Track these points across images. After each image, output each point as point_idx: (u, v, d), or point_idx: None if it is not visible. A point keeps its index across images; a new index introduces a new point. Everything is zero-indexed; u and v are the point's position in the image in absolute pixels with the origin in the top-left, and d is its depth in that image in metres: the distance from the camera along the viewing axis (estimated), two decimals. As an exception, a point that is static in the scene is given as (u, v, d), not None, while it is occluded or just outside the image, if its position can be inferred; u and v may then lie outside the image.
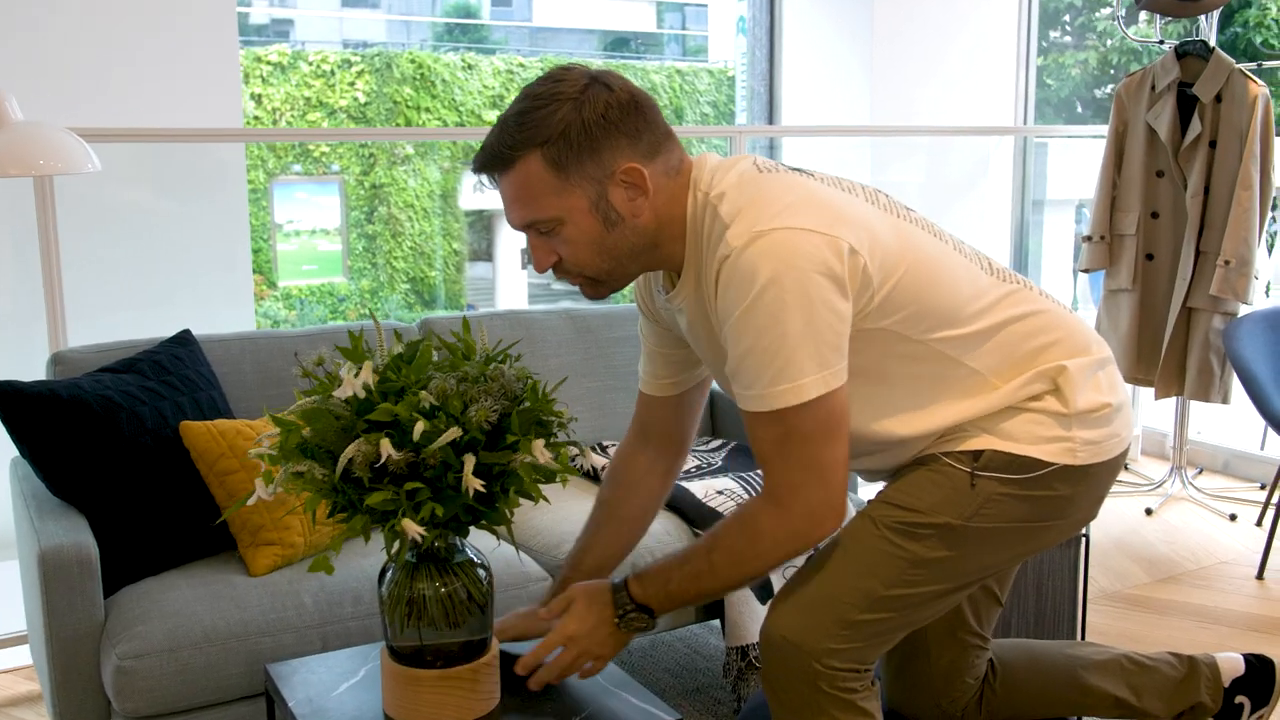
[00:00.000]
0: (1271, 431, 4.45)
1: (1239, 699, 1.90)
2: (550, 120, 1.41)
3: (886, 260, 1.46)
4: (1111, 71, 8.35)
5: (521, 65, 11.12)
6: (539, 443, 1.53)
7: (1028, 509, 1.56)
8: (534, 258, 1.52)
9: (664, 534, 2.33)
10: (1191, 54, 3.59)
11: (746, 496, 2.47)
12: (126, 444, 2.11)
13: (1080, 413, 1.55)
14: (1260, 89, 3.46)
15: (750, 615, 2.37)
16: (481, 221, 11.48)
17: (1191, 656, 1.91)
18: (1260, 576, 3.26)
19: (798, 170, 1.54)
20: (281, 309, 10.52)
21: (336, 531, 2.26)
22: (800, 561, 2.45)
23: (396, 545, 1.57)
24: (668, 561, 1.56)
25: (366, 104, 10.72)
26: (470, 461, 1.49)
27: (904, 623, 1.57)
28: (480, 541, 2.28)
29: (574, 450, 1.60)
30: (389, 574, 1.62)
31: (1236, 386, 3.63)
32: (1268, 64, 3.77)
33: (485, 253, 11.60)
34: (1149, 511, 3.80)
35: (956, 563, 1.56)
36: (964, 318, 1.53)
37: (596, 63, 11.29)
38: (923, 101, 4.32)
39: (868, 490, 3.00)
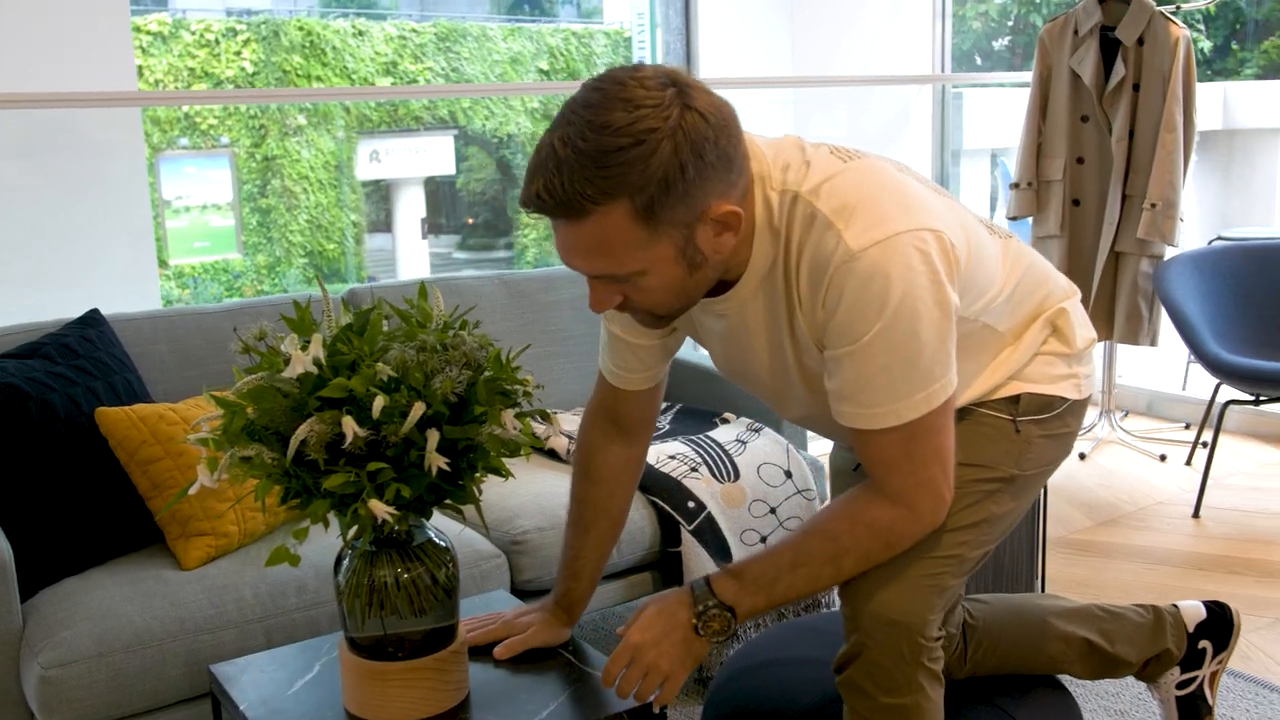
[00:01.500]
0: (1193, 372, 4.53)
1: (1201, 644, 1.91)
2: (645, 165, 1.20)
3: (959, 244, 1.39)
4: (1010, 24, 8.43)
5: (415, 31, 10.87)
6: (508, 413, 1.43)
7: (1054, 449, 1.59)
8: (594, 297, 1.35)
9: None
10: (1112, -3, 3.58)
11: (699, 459, 2.41)
12: (37, 435, 1.95)
13: (1079, 351, 1.59)
14: (1181, 31, 3.47)
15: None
16: (379, 192, 11.24)
17: (1156, 606, 1.93)
18: (1196, 515, 3.30)
19: (858, 153, 1.43)
20: (174, 288, 10.17)
21: (273, 519, 2.14)
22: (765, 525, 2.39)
23: (354, 530, 1.46)
24: (767, 561, 1.44)
25: (254, 74, 10.36)
26: (434, 437, 1.39)
27: (969, 574, 1.57)
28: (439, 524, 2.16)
29: (539, 422, 1.49)
30: (345, 562, 1.52)
31: (1164, 328, 3.67)
32: (1186, 5, 3.78)
33: (384, 224, 11.37)
34: (1082, 456, 3.83)
35: (1015, 513, 1.57)
36: (995, 286, 1.50)
37: (490, 25, 11.09)
38: (844, 52, 4.26)
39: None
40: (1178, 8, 3.71)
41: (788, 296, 1.39)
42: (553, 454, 2.55)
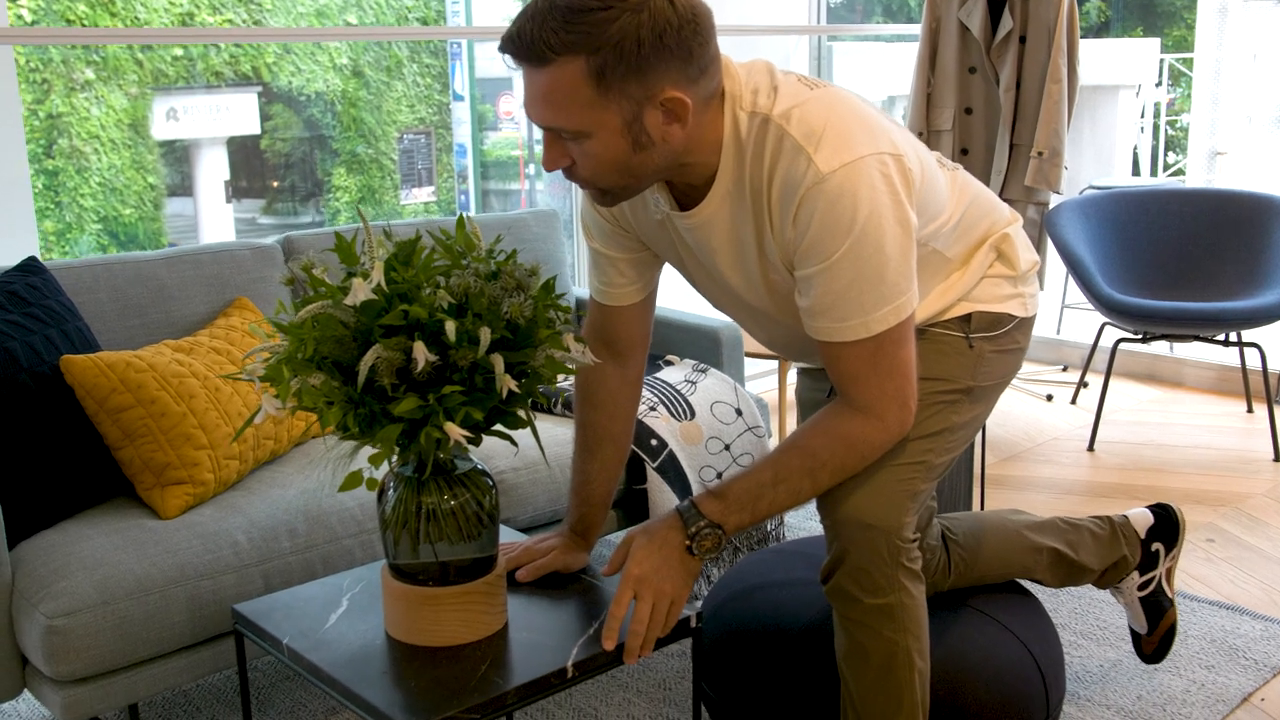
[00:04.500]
0: (1066, 317, 4.92)
1: (1154, 546, 2.15)
2: (605, 28, 1.35)
3: (914, 169, 1.55)
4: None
5: (222, -24, 10.58)
6: (569, 336, 1.54)
7: (1006, 362, 1.77)
8: (546, 155, 1.48)
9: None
10: (999, -49, 3.86)
11: (655, 399, 2.55)
12: (1, 385, 1.95)
13: (1023, 272, 1.77)
14: (1065, -16, 3.77)
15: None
16: (176, 152, 10.90)
17: (1109, 517, 2.16)
18: (1091, 449, 3.64)
19: (822, 82, 1.58)
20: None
21: (244, 467, 2.19)
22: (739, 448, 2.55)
23: (397, 459, 1.56)
24: (749, 479, 1.58)
25: (33, 23, 9.89)
26: (500, 361, 1.49)
27: (935, 482, 1.73)
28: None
29: (577, 346, 1.61)
30: (390, 492, 1.60)
31: (1048, 274, 4.00)
32: (1067, -39, 4.09)
33: (183, 187, 11.03)
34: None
35: (975, 421, 1.75)
36: (944, 213, 1.66)
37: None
38: (726, 2, 4.44)
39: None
40: (1059, -37, 4.01)
41: (757, 216, 1.53)
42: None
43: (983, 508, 2.66)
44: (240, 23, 10.54)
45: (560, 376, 1.65)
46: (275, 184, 11.73)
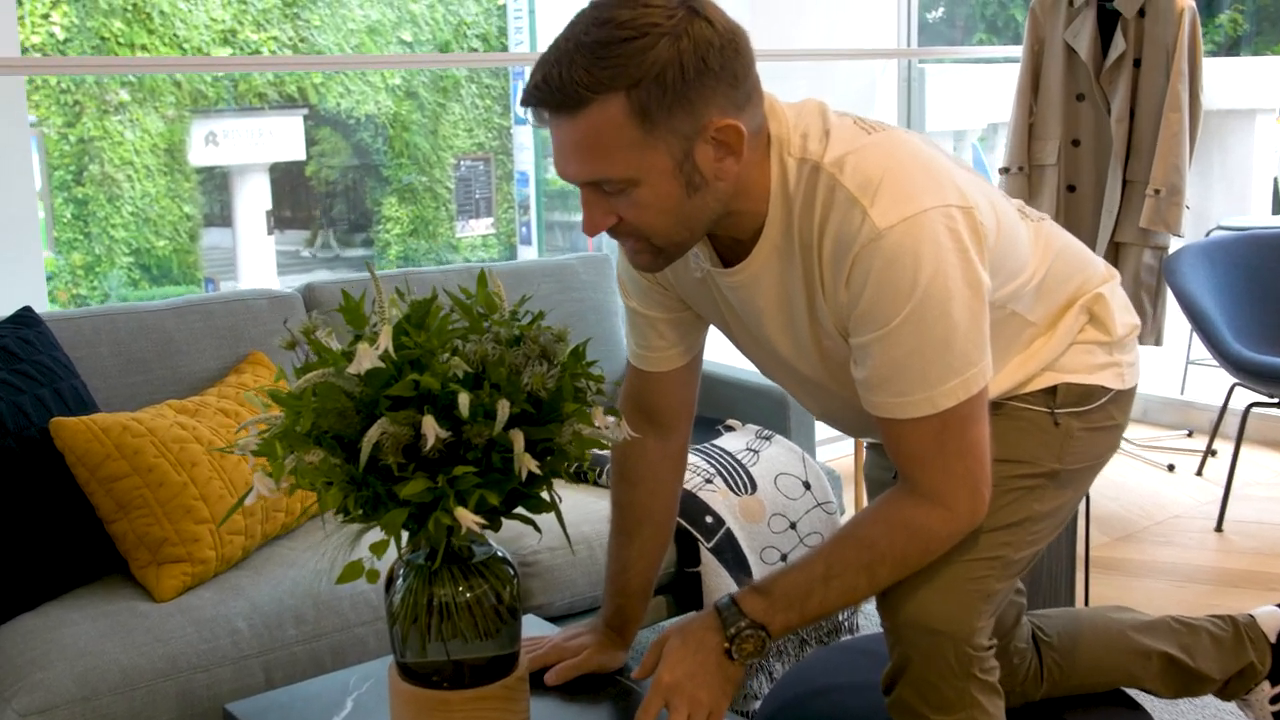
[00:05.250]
0: (1191, 375, 4.80)
1: (1287, 652, 2.05)
2: (643, 58, 1.32)
3: (988, 223, 1.51)
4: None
5: (257, -8, 10.79)
6: (598, 410, 1.51)
7: (1099, 442, 1.70)
8: (587, 217, 1.45)
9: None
10: (1111, -37, 3.80)
11: (711, 469, 2.51)
12: (-15, 450, 1.97)
13: (1120, 338, 1.70)
14: (1186, 1, 3.70)
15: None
16: (215, 180, 11.11)
17: (1233, 617, 2.06)
18: (1219, 529, 3.53)
19: (882, 125, 1.54)
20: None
21: (251, 543, 2.18)
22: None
23: (407, 544, 1.54)
24: (798, 574, 1.53)
25: (66, 41, 10.16)
26: (520, 438, 1.46)
27: (1016, 582, 1.67)
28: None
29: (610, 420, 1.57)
30: (400, 581, 1.58)
31: (1169, 327, 3.90)
32: (1189, -25, 4.02)
33: (222, 217, 11.24)
34: (1082, 468, 4.04)
35: (1063, 510, 1.68)
36: (1025, 271, 1.62)
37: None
38: (806, 24, 4.42)
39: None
40: (1180, -23, 3.94)
41: (807, 274, 1.49)
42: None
43: (1087, 598, 2.57)
44: (286, 40, 10.74)
45: (626, 432, 1.62)
46: (320, 214, 11.90)
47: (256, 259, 11.12)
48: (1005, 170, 4.00)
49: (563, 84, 1.34)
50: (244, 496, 1.47)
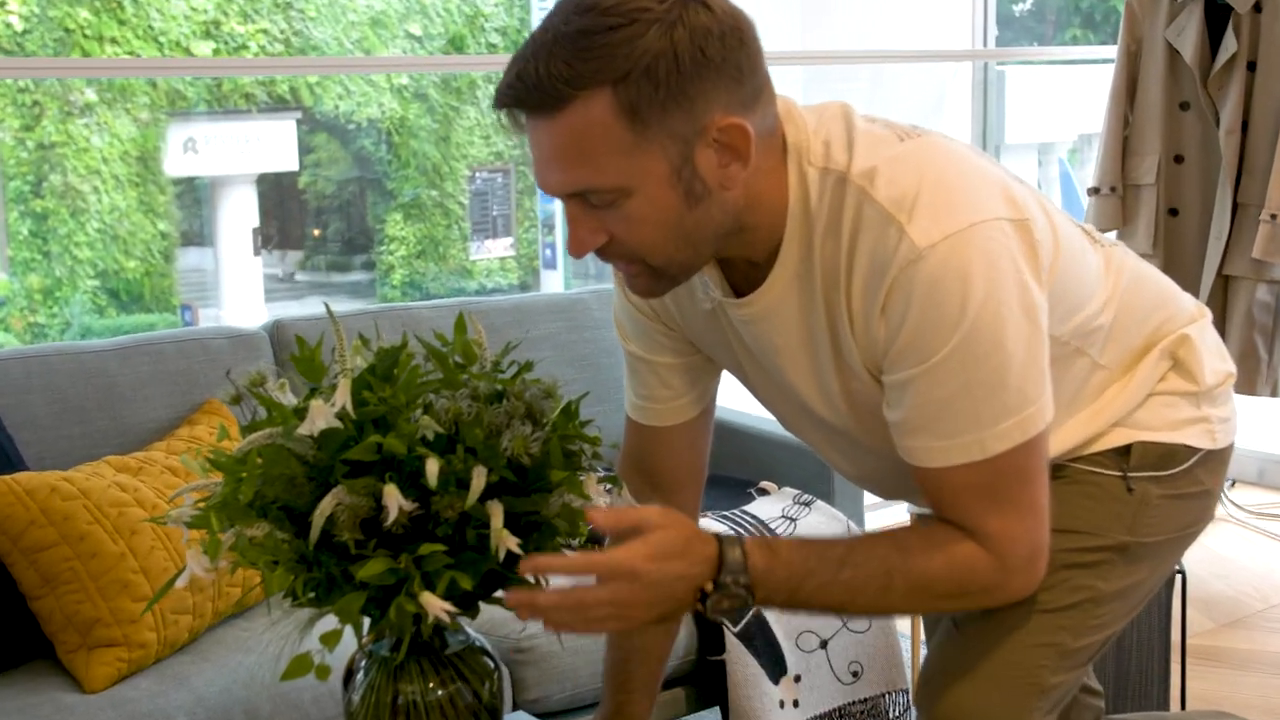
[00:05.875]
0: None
1: None
2: (631, 48, 1.32)
3: (1045, 241, 1.48)
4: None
5: (245, -20, 10.90)
6: (591, 478, 1.50)
7: (1184, 511, 1.67)
8: (573, 236, 1.44)
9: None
10: (1220, -50, 3.77)
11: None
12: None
13: (1210, 388, 1.66)
14: (1310, -6, 3.67)
15: (762, 703, 2.37)
16: (195, 192, 11.20)
17: None
18: (1345, 613, 3.46)
19: (918, 130, 1.52)
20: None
21: (199, 624, 2.17)
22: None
23: (368, 632, 1.53)
24: (813, 548, 1.48)
25: (25, 33, 10.27)
26: (499, 511, 1.44)
27: (1084, 673, 1.65)
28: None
29: (609, 490, 1.55)
30: (359, 676, 1.57)
31: (1287, 374, 3.84)
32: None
33: (202, 235, 11.32)
34: (1186, 539, 3.98)
35: (1137, 590, 1.65)
36: (1093, 303, 1.59)
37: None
38: (864, 23, 4.42)
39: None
40: (1302, -34, 3.91)
41: (830, 307, 1.47)
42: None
43: (1183, 700, 2.52)
44: (278, 34, 10.83)
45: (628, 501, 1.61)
46: (316, 232, 11.97)
47: (241, 283, 11.19)
48: (1095, 190, 3.97)
49: (540, 80, 1.33)
50: (175, 577, 1.46)
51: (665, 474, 1.76)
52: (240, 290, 11.07)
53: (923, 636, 2.87)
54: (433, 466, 1.41)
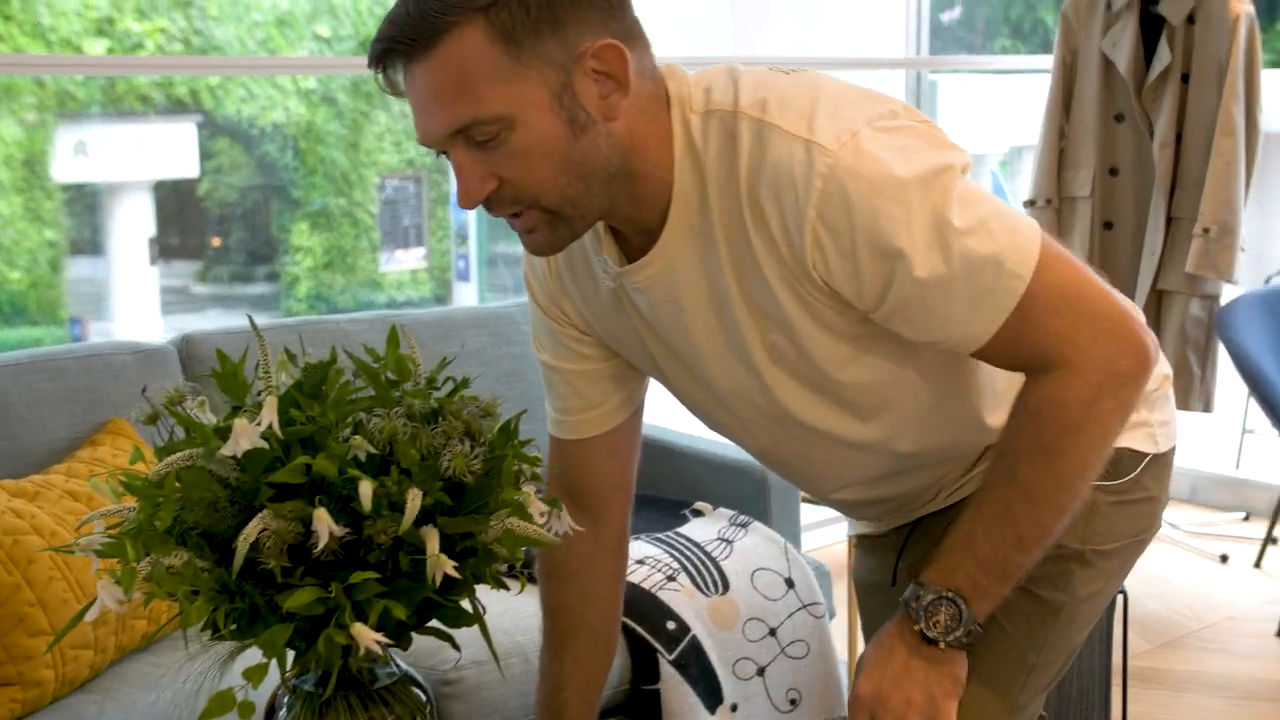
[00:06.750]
0: (1248, 446, 4.79)
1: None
2: None
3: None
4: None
5: (141, -25, 10.77)
6: (534, 498, 1.48)
7: (1132, 519, 1.67)
8: (461, 186, 1.42)
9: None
10: (1155, -39, 3.81)
11: (676, 564, 2.47)
12: None
13: (1149, 392, 1.66)
14: (1242, 6, 3.71)
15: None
16: (85, 199, 11.02)
17: None
18: (1281, 633, 3.51)
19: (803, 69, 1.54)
20: None
21: (101, 659, 2.11)
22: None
23: (292, 667, 1.49)
24: (953, 526, 1.49)
25: (-107, 28, 10.09)
26: (434, 536, 1.41)
27: (1046, 691, 1.64)
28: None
29: (542, 510, 1.52)
30: (281, 713, 1.54)
31: (1222, 389, 3.89)
32: (1246, -26, 4.04)
33: (92, 244, 11.15)
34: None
35: (1093, 602, 1.65)
36: None
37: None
38: (793, 29, 4.41)
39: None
40: (1237, -23, 3.96)
41: (735, 254, 1.45)
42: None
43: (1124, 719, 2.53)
44: (176, 33, 10.68)
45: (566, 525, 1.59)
46: (217, 242, 11.82)
47: (135, 295, 11.00)
48: (1031, 203, 4.00)
49: (413, 16, 1.35)
50: (84, 610, 1.41)
51: (587, 489, 1.74)
52: (135, 302, 10.89)
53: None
54: (366, 489, 1.38)
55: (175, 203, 11.51)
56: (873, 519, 1.82)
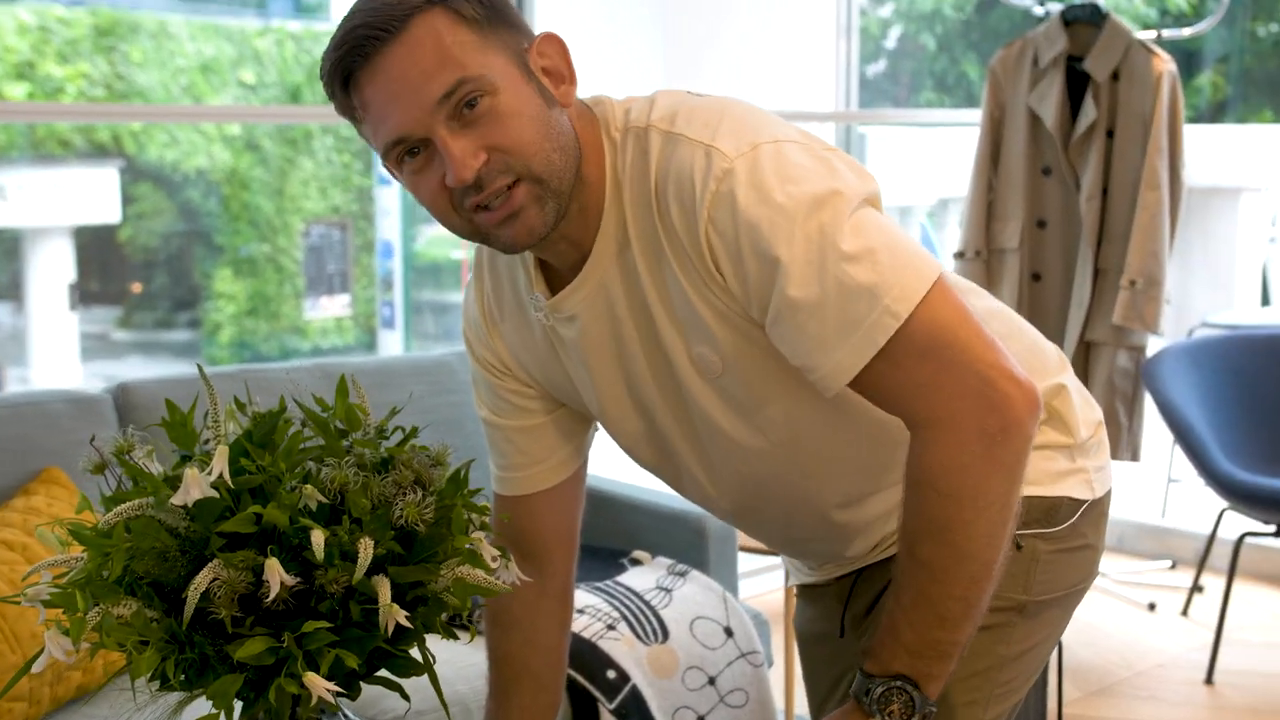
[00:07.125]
0: (1173, 495, 4.87)
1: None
2: None
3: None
4: (890, 46, 8.93)
5: (62, 21, 10.67)
6: (487, 546, 1.49)
7: (1071, 568, 1.68)
8: (453, 161, 1.43)
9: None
10: (1081, 20, 3.90)
11: (615, 614, 2.48)
12: None
13: (1084, 440, 1.68)
14: (1165, 64, 3.80)
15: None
16: (4, 244, 10.92)
17: None
18: (1209, 680, 3.56)
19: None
20: None
21: (37, 710, 2.08)
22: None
23: (251, 719, 1.48)
24: (884, 608, 1.49)
25: None
26: (386, 586, 1.42)
27: None
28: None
29: (495, 554, 1.54)
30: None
31: (1148, 441, 3.95)
32: (1168, 33, 4.14)
33: (11, 290, 11.03)
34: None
35: (1036, 652, 1.67)
36: None
37: (172, 18, 10.94)
38: (723, 80, 4.46)
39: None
40: (1159, 36, 4.06)
41: (653, 270, 1.49)
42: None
43: (1062, 771, 2.56)
44: (99, 78, 10.61)
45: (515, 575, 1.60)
46: (138, 288, 11.70)
47: (54, 342, 10.88)
48: (961, 254, 4.06)
49: (378, 11, 1.42)
50: (31, 661, 1.40)
51: (534, 542, 1.75)
52: (53, 349, 10.77)
53: (800, 711, 2.89)
54: (318, 538, 1.38)
55: (96, 248, 11.40)
56: (812, 558, 1.82)
